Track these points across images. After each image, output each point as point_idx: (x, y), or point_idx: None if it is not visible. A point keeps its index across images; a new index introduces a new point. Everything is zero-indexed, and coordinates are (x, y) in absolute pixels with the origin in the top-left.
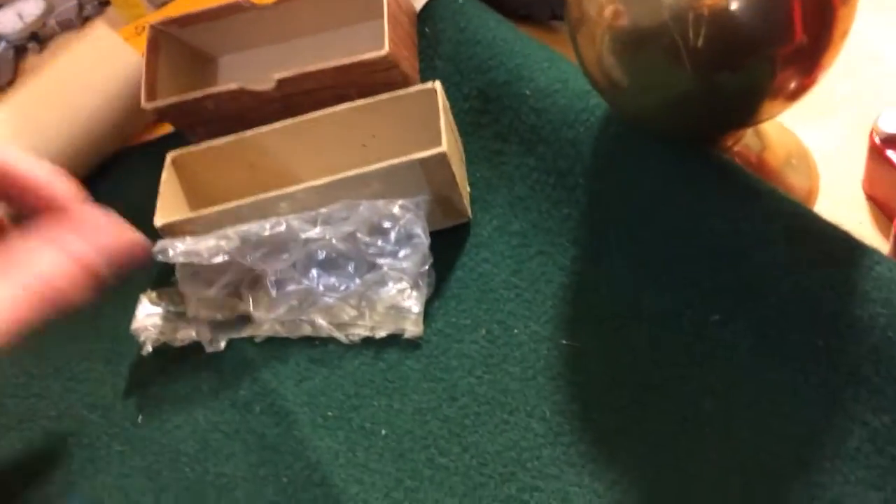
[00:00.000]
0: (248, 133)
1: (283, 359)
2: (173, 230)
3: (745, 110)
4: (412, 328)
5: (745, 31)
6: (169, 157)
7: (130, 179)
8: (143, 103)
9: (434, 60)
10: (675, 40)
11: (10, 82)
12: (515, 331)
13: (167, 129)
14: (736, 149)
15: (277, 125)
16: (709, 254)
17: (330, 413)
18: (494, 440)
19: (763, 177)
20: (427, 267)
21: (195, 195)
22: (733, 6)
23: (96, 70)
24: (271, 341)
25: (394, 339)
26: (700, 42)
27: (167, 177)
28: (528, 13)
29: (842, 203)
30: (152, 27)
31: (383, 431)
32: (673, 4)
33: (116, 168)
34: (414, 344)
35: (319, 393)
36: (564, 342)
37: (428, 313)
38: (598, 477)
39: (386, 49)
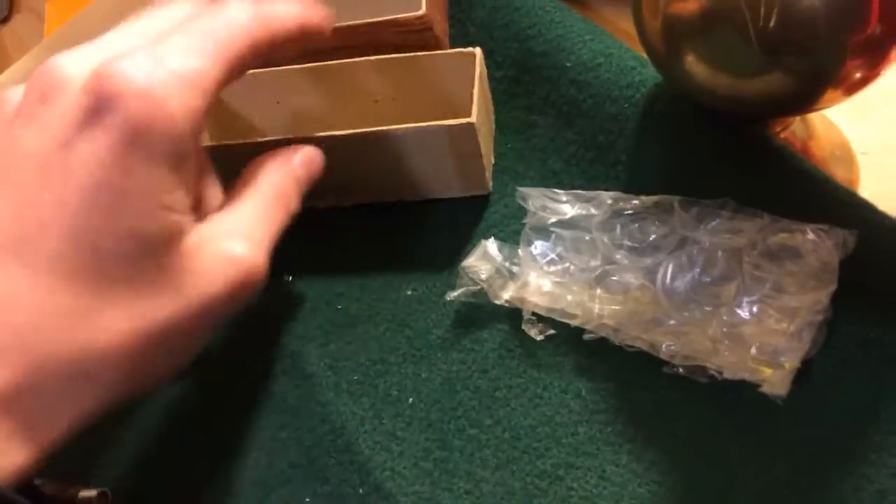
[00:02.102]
0: (280, 67)
1: (304, 321)
2: None
3: (808, 96)
4: (775, 384)
5: (819, 15)
6: None
7: None
8: None
9: (466, 25)
10: (745, 18)
11: (5, 20)
12: None
13: None
14: (783, 135)
15: (311, 65)
16: None
17: (354, 378)
18: (528, 414)
19: None
20: (822, 309)
21: (218, 125)
22: None
23: None
24: (288, 302)
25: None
26: (771, 23)
27: None
28: None
29: (880, 198)
30: None
31: (410, 399)
32: None
33: None
34: (442, 313)
35: (343, 357)
36: None
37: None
38: (636, 457)
39: (423, 9)
